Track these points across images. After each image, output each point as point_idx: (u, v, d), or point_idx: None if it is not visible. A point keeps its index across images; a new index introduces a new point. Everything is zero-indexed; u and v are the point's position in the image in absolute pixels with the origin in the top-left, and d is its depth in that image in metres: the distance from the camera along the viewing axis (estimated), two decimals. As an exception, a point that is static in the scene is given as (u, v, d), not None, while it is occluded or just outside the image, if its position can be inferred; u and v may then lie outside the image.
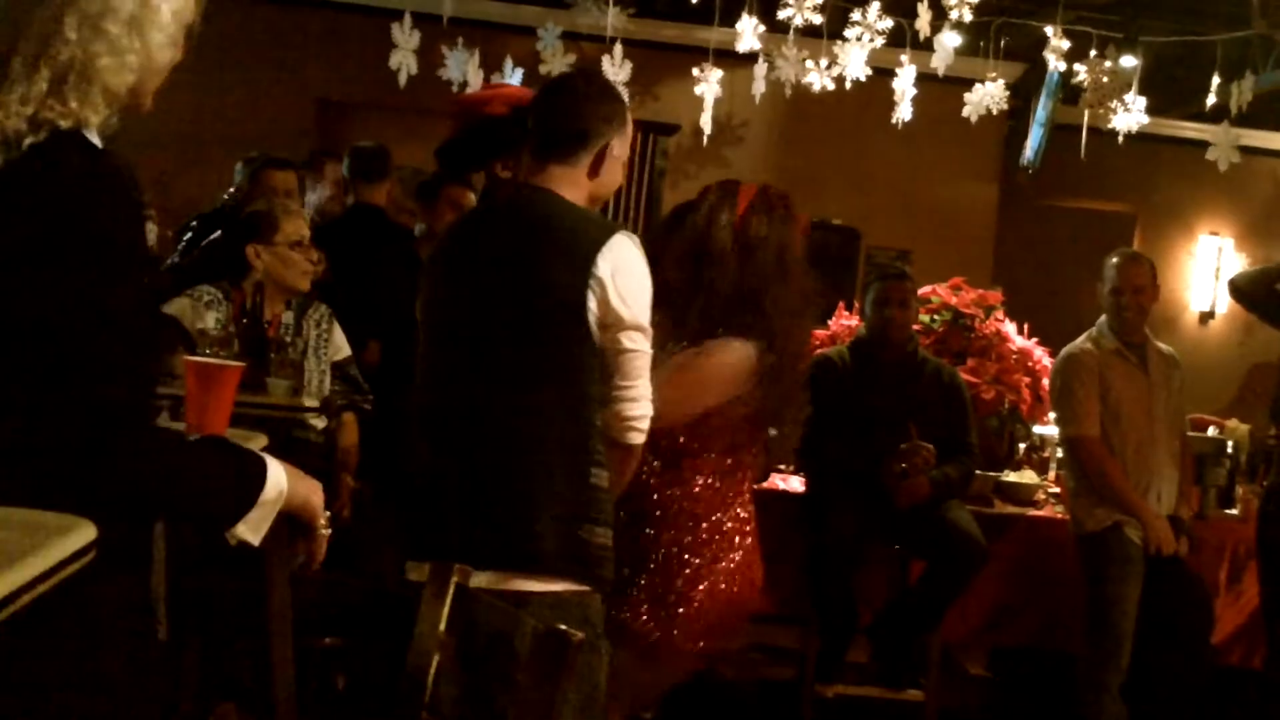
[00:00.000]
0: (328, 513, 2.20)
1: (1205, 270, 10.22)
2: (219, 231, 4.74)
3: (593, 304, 2.93)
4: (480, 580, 2.59)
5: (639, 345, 2.97)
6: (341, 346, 4.54)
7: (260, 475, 2.02)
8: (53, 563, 1.64)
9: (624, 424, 2.99)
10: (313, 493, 2.15)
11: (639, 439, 3.01)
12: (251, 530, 2.02)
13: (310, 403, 4.05)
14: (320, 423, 4.36)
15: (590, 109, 3.11)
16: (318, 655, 4.01)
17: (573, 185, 3.09)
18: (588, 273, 2.92)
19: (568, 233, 2.99)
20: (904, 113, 7.44)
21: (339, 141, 9.02)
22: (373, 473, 4.59)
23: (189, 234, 5.50)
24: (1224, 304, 9.76)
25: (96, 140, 1.91)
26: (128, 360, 1.83)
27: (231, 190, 5.90)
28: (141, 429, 1.85)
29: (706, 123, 7.65)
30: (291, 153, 6.36)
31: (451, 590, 2.15)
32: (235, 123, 8.35)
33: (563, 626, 1.94)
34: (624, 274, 2.95)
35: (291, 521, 2.13)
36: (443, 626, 2.13)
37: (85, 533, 1.74)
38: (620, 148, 3.14)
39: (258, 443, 2.93)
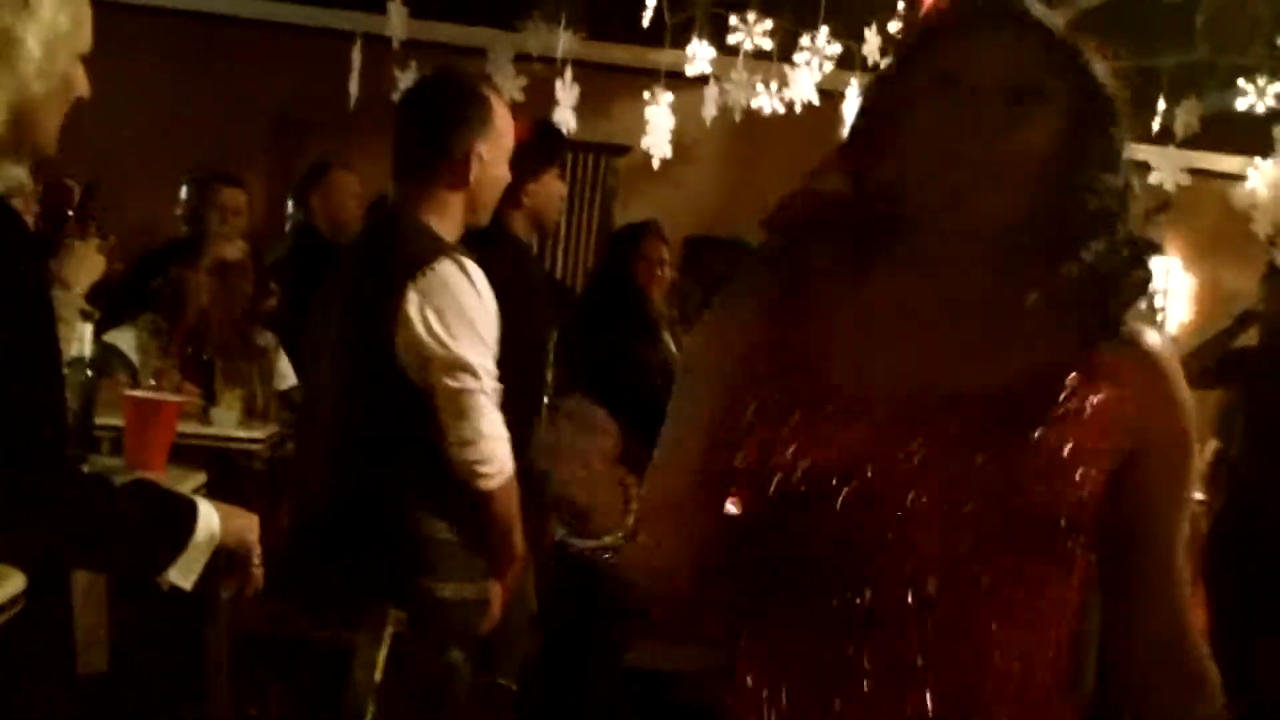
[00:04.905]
0: (259, 549, 2.19)
1: (1156, 290, 10.27)
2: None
3: (400, 343, 2.71)
4: None
5: (466, 384, 2.70)
6: (287, 374, 4.52)
7: (189, 520, 2.01)
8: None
9: (465, 470, 2.74)
10: (247, 530, 2.15)
11: (489, 484, 2.75)
12: (182, 575, 2.02)
13: (255, 434, 4.03)
14: (265, 452, 4.34)
15: (441, 116, 2.90)
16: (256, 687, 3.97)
17: (436, 202, 2.85)
18: (395, 308, 2.70)
19: (388, 262, 2.77)
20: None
21: (293, 161, 9.01)
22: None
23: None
24: (1173, 324, 9.81)
25: None
26: (34, 403, 1.81)
27: (179, 212, 5.88)
28: (54, 474, 1.83)
29: (658, 144, 7.66)
30: (248, 172, 6.35)
31: (389, 634, 2.14)
32: (191, 142, 8.28)
33: (501, 680, 1.93)
34: (438, 304, 2.70)
35: (225, 556, 2.13)
36: (379, 674, 2.12)
37: (13, 582, 1.73)
38: (490, 149, 2.89)
39: (195, 480, 2.93)
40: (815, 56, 7.11)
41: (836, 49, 7.13)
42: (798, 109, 7.43)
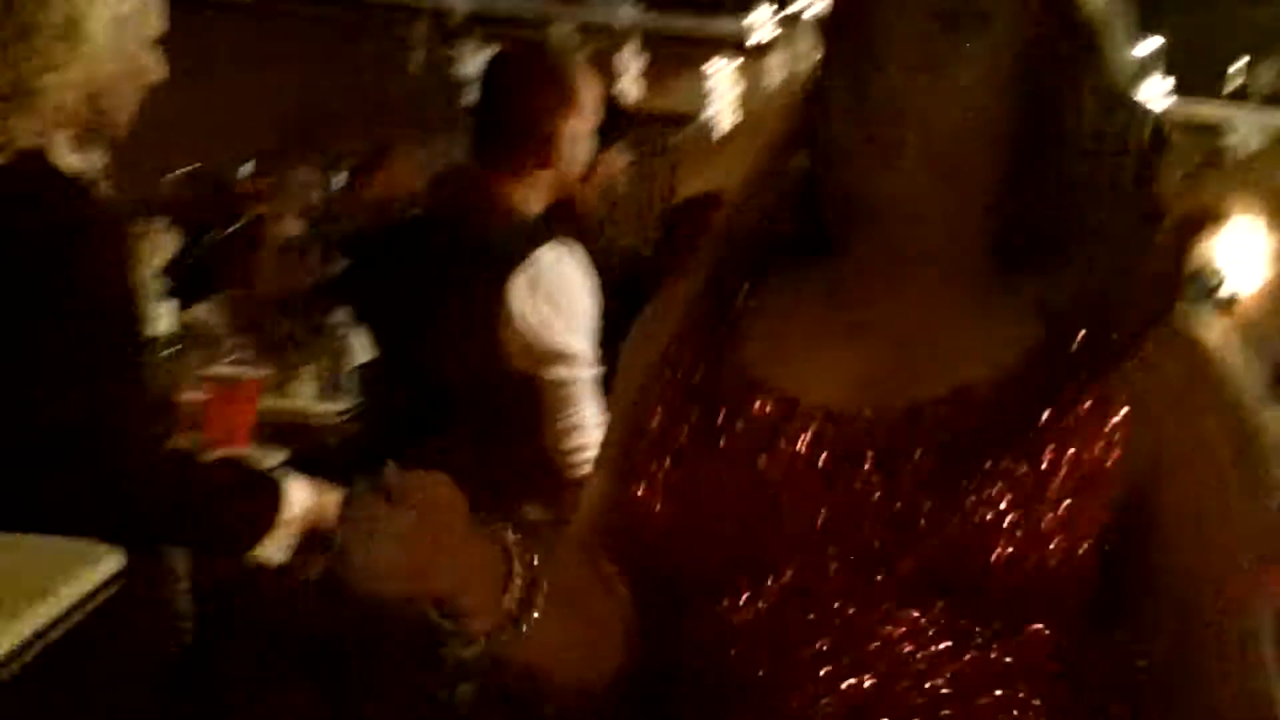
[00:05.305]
0: None
1: (1235, 250, 10.10)
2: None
3: (506, 334, 2.61)
4: None
5: (570, 373, 2.63)
6: (362, 350, 4.50)
7: (277, 497, 2.00)
8: (82, 594, 1.63)
9: (562, 458, 2.66)
10: (332, 507, 2.13)
11: (582, 471, 2.60)
12: (272, 552, 2.01)
13: (333, 408, 4.02)
14: (344, 427, 4.32)
15: (527, 92, 2.77)
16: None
17: (523, 182, 2.75)
18: (502, 299, 2.61)
19: (490, 250, 2.67)
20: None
21: (353, 136, 9.01)
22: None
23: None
24: (1251, 286, 9.67)
25: (71, 158, 1.89)
26: (120, 384, 1.82)
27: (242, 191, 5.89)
28: (141, 454, 1.84)
29: (720, 114, 7.61)
30: (297, 152, 6.35)
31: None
32: (252, 114, 8.29)
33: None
34: (546, 293, 2.62)
35: (309, 535, 2.11)
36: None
37: (113, 561, 1.72)
38: (575, 125, 2.76)
39: (277, 457, 2.90)
40: (883, 21, 7.05)
41: (904, 12, 7.06)
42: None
